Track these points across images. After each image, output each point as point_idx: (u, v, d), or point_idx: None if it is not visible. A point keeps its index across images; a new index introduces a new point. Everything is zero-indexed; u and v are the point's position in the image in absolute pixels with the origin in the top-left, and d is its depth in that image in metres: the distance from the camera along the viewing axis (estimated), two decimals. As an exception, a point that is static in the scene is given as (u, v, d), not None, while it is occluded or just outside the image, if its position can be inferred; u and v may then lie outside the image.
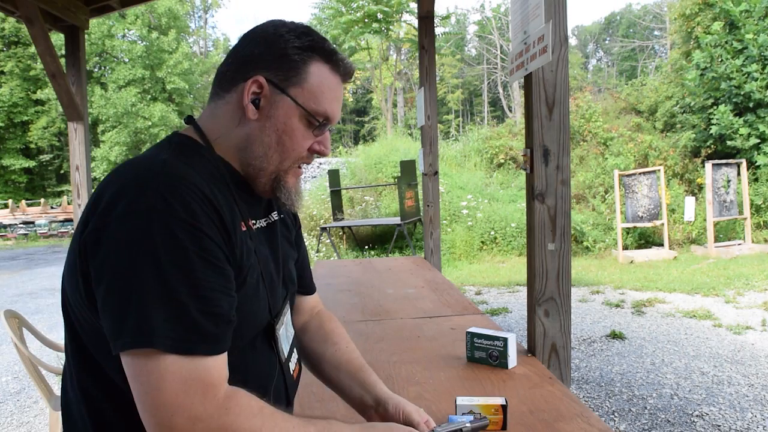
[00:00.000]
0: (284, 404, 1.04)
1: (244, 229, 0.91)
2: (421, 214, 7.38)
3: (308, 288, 1.27)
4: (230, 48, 1.00)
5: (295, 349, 1.11)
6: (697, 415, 3.33)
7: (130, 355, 0.75)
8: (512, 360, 1.77)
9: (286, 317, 1.08)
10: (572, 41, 44.93)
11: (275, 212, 1.09)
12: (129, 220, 0.76)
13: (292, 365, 1.08)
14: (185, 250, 0.77)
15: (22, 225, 18.85)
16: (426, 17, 4.35)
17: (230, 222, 0.86)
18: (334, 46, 0.98)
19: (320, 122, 0.96)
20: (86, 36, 4.90)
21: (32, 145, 26.33)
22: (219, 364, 0.80)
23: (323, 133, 0.98)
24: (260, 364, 0.97)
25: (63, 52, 4.69)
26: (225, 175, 0.92)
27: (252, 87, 0.92)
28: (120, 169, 0.85)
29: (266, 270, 0.97)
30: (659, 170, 9.40)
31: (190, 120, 0.99)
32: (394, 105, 28.11)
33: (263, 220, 1.03)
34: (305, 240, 11.03)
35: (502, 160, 13.45)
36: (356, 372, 1.17)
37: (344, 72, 0.99)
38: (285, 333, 1.05)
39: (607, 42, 45.70)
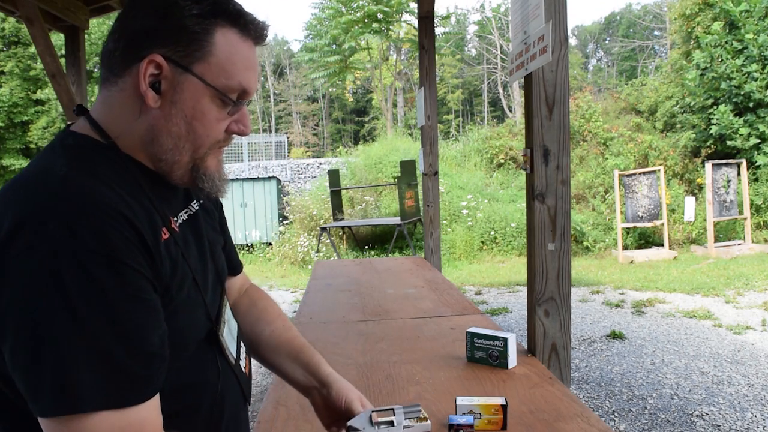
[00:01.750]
0: (242, 402, 0.97)
1: (166, 236, 0.79)
2: (421, 214, 7.39)
3: (235, 268, 1.15)
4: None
5: (242, 343, 1.02)
6: (697, 415, 3.33)
7: (51, 420, 0.65)
8: (512, 360, 1.77)
9: (227, 314, 0.97)
10: (572, 41, 44.95)
11: (194, 201, 0.96)
12: (29, 260, 0.64)
13: (243, 362, 0.99)
14: (103, 290, 0.66)
15: (22, 225, 18.84)
16: (426, 17, 4.35)
17: (151, 238, 0.74)
18: (239, 4, 0.84)
19: (234, 100, 0.82)
20: (86, 36, 4.90)
21: (32, 145, 26.32)
22: (153, 410, 0.71)
23: (240, 110, 0.85)
24: (208, 373, 0.88)
25: (63, 52, 4.70)
26: (136, 176, 0.79)
27: (149, 69, 0.77)
28: (9, 192, 0.70)
29: (197, 272, 0.87)
30: (659, 170, 9.40)
31: (81, 111, 0.83)
32: (394, 105, 28.11)
33: (184, 212, 0.90)
34: (305, 239, 10.92)
35: (502, 160, 13.45)
36: (297, 353, 1.07)
37: (256, 35, 0.84)
38: (229, 332, 0.96)
39: (607, 42, 45.70)
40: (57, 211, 0.66)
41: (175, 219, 0.86)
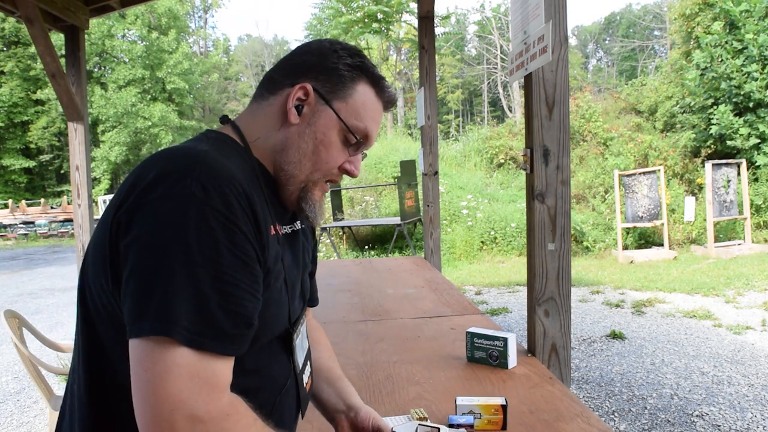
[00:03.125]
0: (295, 415, 1.03)
1: (273, 232, 0.90)
2: (421, 214, 7.39)
3: (314, 300, 1.28)
4: (280, 56, 1.04)
5: (309, 362, 1.11)
6: (697, 415, 3.33)
7: (144, 340, 0.72)
8: (512, 360, 1.77)
9: (303, 328, 1.07)
10: (572, 41, 44.94)
11: (298, 221, 1.07)
12: (166, 203, 0.75)
13: (306, 377, 1.07)
14: (217, 242, 0.75)
15: (22, 225, 18.85)
16: (426, 17, 4.35)
17: (263, 222, 0.84)
18: (381, 74, 1.00)
19: (357, 140, 0.97)
20: (86, 36, 4.90)
21: (32, 145, 26.33)
22: (227, 366, 0.78)
23: (357, 153, 0.99)
24: (274, 371, 0.96)
25: (63, 52, 4.70)
26: (260, 176, 0.92)
27: (298, 93, 0.94)
28: (160, 154, 0.83)
29: (289, 276, 0.96)
30: (659, 170, 9.40)
31: (225, 119, 0.99)
32: (394, 105, 28.10)
33: (288, 227, 1.02)
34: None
35: (502, 160, 13.45)
36: (335, 380, 1.19)
37: (388, 99, 1.01)
38: (301, 344, 1.04)
39: (607, 42, 45.70)
40: (195, 171, 0.77)
41: (282, 227, 0.97)
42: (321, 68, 0.95)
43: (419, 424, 1.02)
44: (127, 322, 0.74)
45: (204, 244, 0.74)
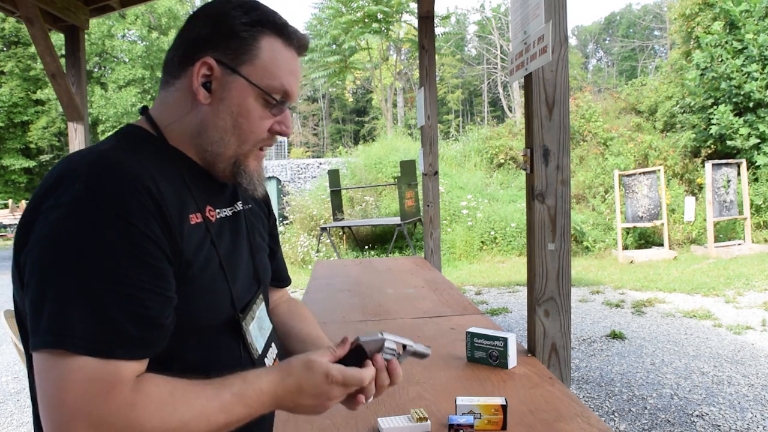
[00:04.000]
0: None
1: (198, 220, 0.87)
2: (421, 214, 7.39)
3: (283, 281, 1.25)
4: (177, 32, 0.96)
5: (273, 345, 1.07)
6: (697, 415, 3.33)
7: (41, 353, 0.70)
8: (512, 360, 1.77)
9: (260, 312, 1.03)
10: (572, 41, 44.94)
11: (240, 201, 1.04)
12: (55, 212, 0.73)
13: (269, 361, 1.03)
14: (111, 245, 0.73)
15: (22, 225, 18.83)
16: (426, 17, 4.35)
17: (175, 215, 0.81)
18: (283, 18, 0.94)
19: (278, 100, 0.91)
20: (86, 36, 4.90)
21: (32, 145, 26.33)
22: (135, 372, 0.75)
23: (283, 111, 0.93)
24: (224, 362, 0.91)
25: (63, 52, 4.70)
26: (178, 165, 0.89)
27: (201, 70, 0.88)
28: (61, 161, 0.82)
29: (229, 261, 0.93)
30: (659, 170, 9.40)
31: (143, 110, 0.95)
32: (394, 105, 28.11)
33: (228, 209, 0.99)
34: (305, 239, 10.91)
35: (502, 160, 13.45)
36: (321, 345, 1.13)
37: (298, 44, 0.94)
38: (257, 327, 1.00)
39: (607, 42, 45.71)
40: (86, 174, 0.76)
41: (217, 211, 0.95)
42: (218, 36, 0.88)
43: (385, 338, 0.96)
44: (29, 335, 0.73)
45: (96, 249, 0.72)
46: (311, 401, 0.88)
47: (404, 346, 0.99)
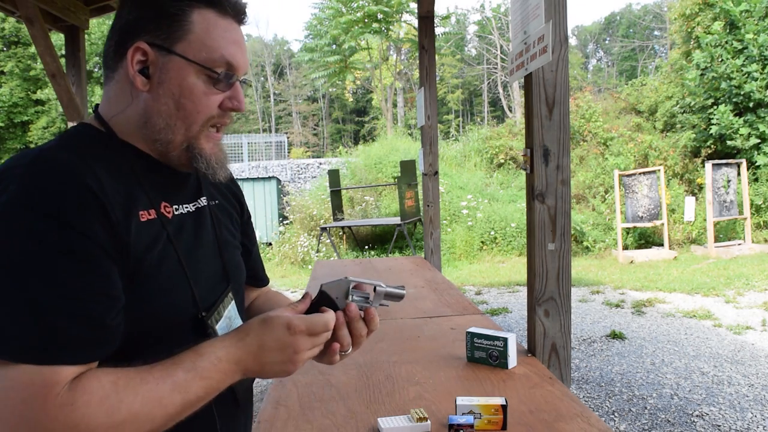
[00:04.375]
0: (232, 402, 0.94)
1: (150, 216, 0.84)
2: (421, 214, 7.39)
3: (259, 280, 1.19)
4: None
5: None
6: (697, 415, 3.33)
7: None
8: (512, 360, 1.77)
9: (229, 310, 0.98)
10: (572, 41, 44.93)
11: (204, 197, 0.99)
12: None
13: None
14: (46, 246, 0.70)
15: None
16: (426, 17, 4.35)
17: (120, 211, 0.78)
18: None
19: (220, 73, 0.85)
20: (86, 36, 4.90)
21: (32, 145, 26.22)
22: (78, 369, 0.72)
23: (231, 85, 0.88)
24: None
25: (63, 52, 4.70)
26: (128, 160, 0.85)
27: (135, 56, 0.83)
28: (3, 163, 0.80)
29: (190, 259, 0.89)
30: (659, 170, 9.40)
31: (95, 108, 0.92)
32: (394, 105, 28.11)
33: (191, 204, 0.94)
34: (305, 239, 10.89)
35: (502, 160, 13.45)
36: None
37: (234, 11, 0.88)
38: (226, 327, 0.95)
39: (607, 42, 45.71)
40: (20, 175, 0.73)
41: (174, 207, 0.90)
42: (147, 19, 0.84)
43: (352, 281, 0.89)
44: None
45: (32, 253, 0.70)
46: (277, 356, 0.82)
47: (374, 288, 0.89)
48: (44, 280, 0.70)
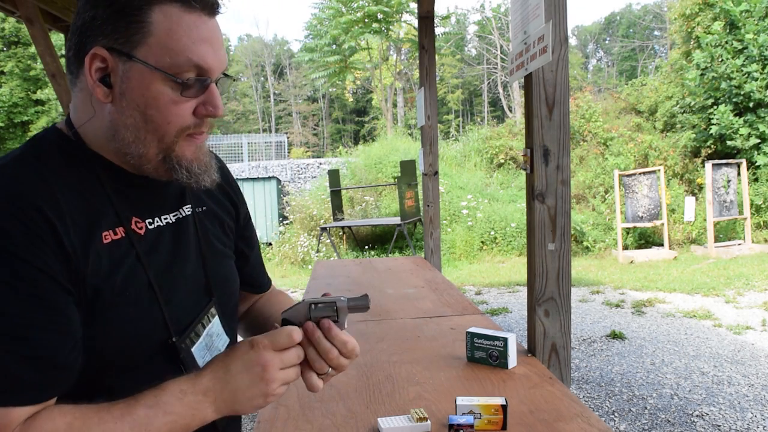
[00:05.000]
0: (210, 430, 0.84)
1: (116, 237, 0.77)
2: (421, 214, 7.39)
3: (261, 286, 1.13)
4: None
5: None
6: (697, 415, 3.33)
7: None
8: (512, 360, 1.77)
9: (211, 327, 0.90)
10: (572, 41, 44.95)
11: (188, 205, 0.91)
12: None
13: None
14: None
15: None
16: (426, 17, 4.35)
17: (78, 237, 0.71)
18: None
19: (188, 80, 0.75)
20: (86, 36, 4.90)
21: None
22: (29, 410, 0.68)
23: (203, 90, 0.77)
24: None
25: (63, 52, 4.70)
26: (97, 172, 0.78)
27: (94, 63, 0.74)
28: None
29: (164, 277, 0.82)
30: (659, 170, 9.40)
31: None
32: (394, 105, 28.11)
33: (171, 215, 0.87)
34: (305, 239, 10.91)
35: (502, 160, 13.45)
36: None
37: (202, 3, 0.76)
38: (205, 347, 0.88)
39: (607, 42, 45.71)
40: None
41: (148, 221, 0.83)
42: (102, 18, 0.73)
43: (311, 302, 0.84)
44: None
45: None
46: (246, 378, 0.75)
47: (335, 304, 0.85)
48: None
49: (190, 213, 0.91)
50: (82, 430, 0.68)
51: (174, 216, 0.87)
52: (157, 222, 0.84)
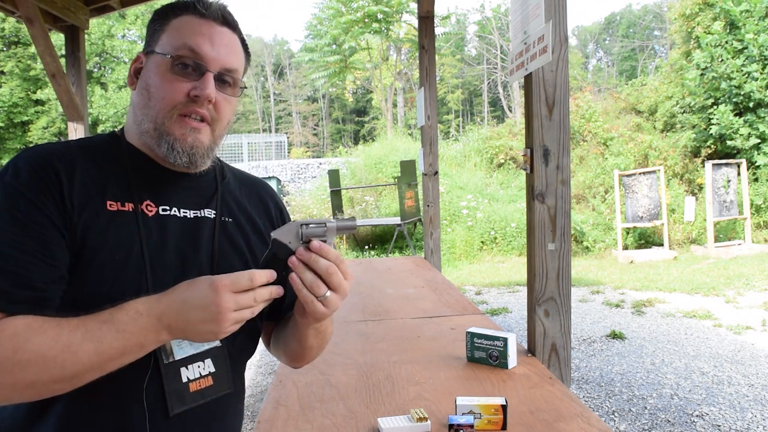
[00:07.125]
0: (160, 411, 0.89)
1: (123, 208, 0.89)
2: (421, 214, 7.38)
3: (283, 311, 1.11)
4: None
5: (212, 364, 0.95)
6: (697, 415, 3.33)
7: None
8: (512, 360, 1.77)
9: None
10: (572, 41, 44.93)
11: (213, 210, 0.99)
12: None
13: (190, 374, 0.92)
14: None
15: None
16: (426, 17, 4.35)
17: (81, 195, 0.86)
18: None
19: (185, 62, 0.91)
20: (86, 36, 4.90)
21: (32, 145, 26.32)
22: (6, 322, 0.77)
23: (200, 75, 0.92)
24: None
25: (63, 52, 4.69)
26: (127, 159, 0.94)
27: (134, 64, 0.97)
28: None
29: (156, 256, 0.89)
30: (659, 170, 9.40)
31: None
32: (394, 105, 28.11)
33: (190, 211, 0.96)
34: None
35: (502, 160, 13.45)
36: None
37: (209, 12, 0.94)
38: (190, 342, 0.91)
39: (607, 42, 45.70)
40: (17, 156, 0.87)
41: (162, 207, 0.94)
42: (147, 35, 0.97)
43: (301, 222, 0.87)
44: None
45: None
46: (200, 314, 0.79)
47: (325, 224, 0.88)
48: None
49: (213, 217, 0.99)
50: (38, 330, 0.76)
51: (193, 213, 0.97)
52: (173, 211, 0.95)
